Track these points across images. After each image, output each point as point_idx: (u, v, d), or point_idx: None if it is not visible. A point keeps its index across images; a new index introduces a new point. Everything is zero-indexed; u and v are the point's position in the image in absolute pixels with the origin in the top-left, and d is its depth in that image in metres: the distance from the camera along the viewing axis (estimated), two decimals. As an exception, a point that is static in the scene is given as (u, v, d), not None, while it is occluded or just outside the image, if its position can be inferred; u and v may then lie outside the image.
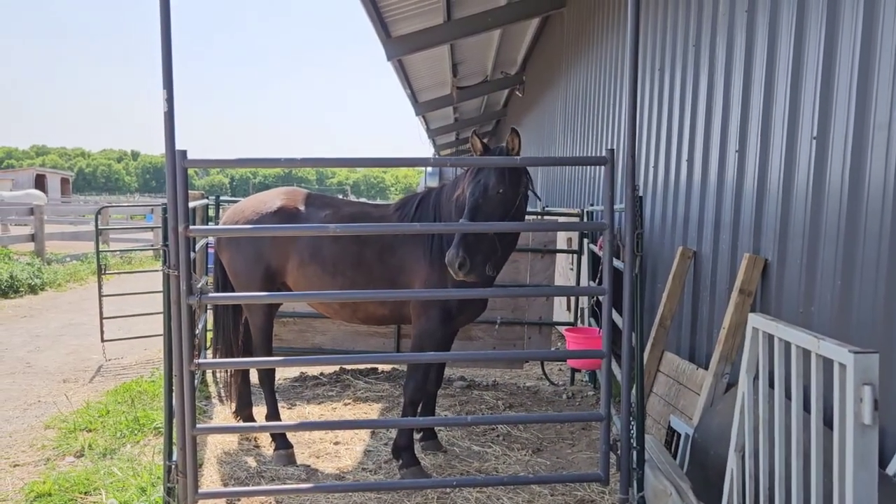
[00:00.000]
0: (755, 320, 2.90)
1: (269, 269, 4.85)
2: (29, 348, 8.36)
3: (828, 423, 2.56)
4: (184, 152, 3.16)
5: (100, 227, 8.98)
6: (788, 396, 2.68)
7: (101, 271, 8.42)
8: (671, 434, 4.67)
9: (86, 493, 4.28)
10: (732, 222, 4.53)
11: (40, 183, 48.10)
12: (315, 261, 4.73)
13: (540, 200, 8.27)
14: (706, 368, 4.52)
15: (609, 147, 5.42)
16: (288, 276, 4.88)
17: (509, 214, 4.10)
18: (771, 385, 2.83)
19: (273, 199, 4.98)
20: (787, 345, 2.67)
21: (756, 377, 2.93)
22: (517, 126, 19.80)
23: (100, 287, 8.28)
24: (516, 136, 4.04)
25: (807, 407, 2.57)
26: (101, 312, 8.13)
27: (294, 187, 5.25)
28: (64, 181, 54.05)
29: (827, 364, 2.38)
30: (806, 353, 2.52)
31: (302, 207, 4.91)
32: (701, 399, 4.34)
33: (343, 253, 4.69)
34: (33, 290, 12.58)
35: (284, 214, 4.84)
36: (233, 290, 5.05)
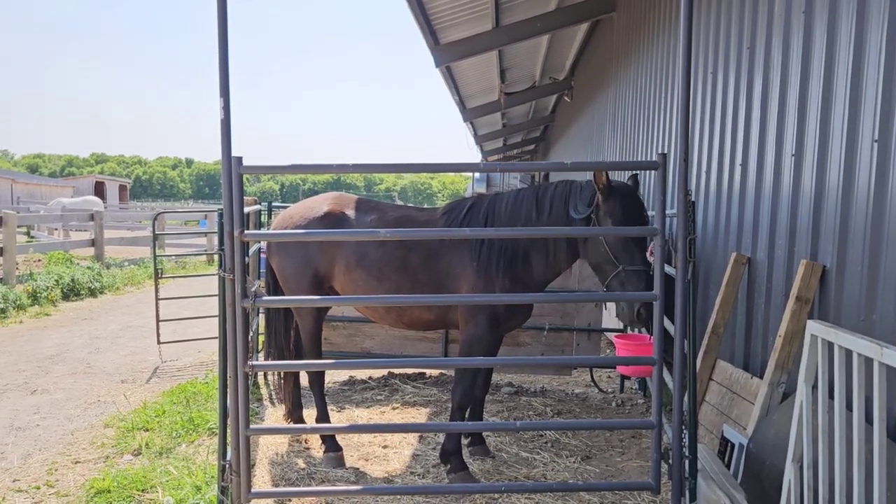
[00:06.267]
0: (814, 327, 2.83)
1: (318, 274, 4.91)
2: (89, 349, 8.65)
3: (891, 435, 2.48)
4: (239, 159, 3.23)
5: (156, 233, 9.23)
6: (849, 407, 2.60)
7: (157, 275, 8.65)
8: (724, 444, 4.57)
9: (143, 490, 4.40)
10: (789, 228, 4.41)
11: (99, 190, 49.84)
12: (361, 266, 4.77)
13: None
14: (761, 377, 4.41)
15: (661, 151, 5.33)
16: (335, 281, 4.93)
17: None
18: (830, 395, 2.75)
19: (320, 204, 5.04)
20: (848, 353, 2.59)
21: (815, 386, 2.85)
22: (564, 131, 19.46)
23: (156, 291, 8.52)
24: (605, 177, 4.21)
25: (869, 418, 2.49)
26: (157, 315, 8.38)
27: (341, 193, 5.30)
28: (122, 188, 55.86)
29: (891, 373, 2.31)
30: (868, 362, 2.45)
31: (348, 212, 4.96)
32: (756, 408, 4.23)
33: (388, 258, 4.72)
34: (93, 293, 13.01)
35: (331, 219, 4.90)
36: (283, 295, 5.13)
